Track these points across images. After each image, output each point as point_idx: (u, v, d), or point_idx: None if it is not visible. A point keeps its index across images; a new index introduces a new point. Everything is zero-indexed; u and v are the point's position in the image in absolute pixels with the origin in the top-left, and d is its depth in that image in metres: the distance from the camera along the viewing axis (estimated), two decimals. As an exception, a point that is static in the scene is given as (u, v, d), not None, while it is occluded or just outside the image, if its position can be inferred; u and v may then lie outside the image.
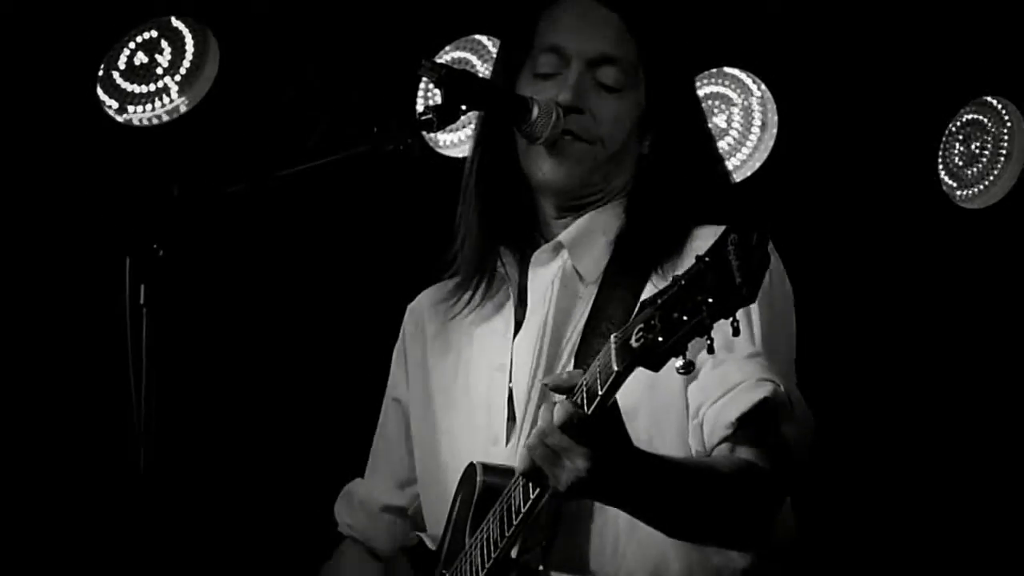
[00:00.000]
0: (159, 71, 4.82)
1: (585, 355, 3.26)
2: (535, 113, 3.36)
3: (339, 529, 3.77)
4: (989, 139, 5.59)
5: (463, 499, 3.33)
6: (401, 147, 3.27)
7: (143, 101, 4.83)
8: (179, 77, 4.84)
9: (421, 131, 3.32)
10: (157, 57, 4.81)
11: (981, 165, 5.60)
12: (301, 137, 4.84)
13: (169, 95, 4.84)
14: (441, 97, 3.34)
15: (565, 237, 3.44)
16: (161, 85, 4.83)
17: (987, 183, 5.61)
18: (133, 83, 4.81)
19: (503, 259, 3.51)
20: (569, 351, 3.36)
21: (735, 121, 5.35)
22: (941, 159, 5.51)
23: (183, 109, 4.84)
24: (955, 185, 5.57)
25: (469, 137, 4.35)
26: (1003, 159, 5.60)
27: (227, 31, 4.79)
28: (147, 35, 4.78)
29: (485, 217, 3.50)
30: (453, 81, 3.33)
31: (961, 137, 5.56)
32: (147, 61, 4.80)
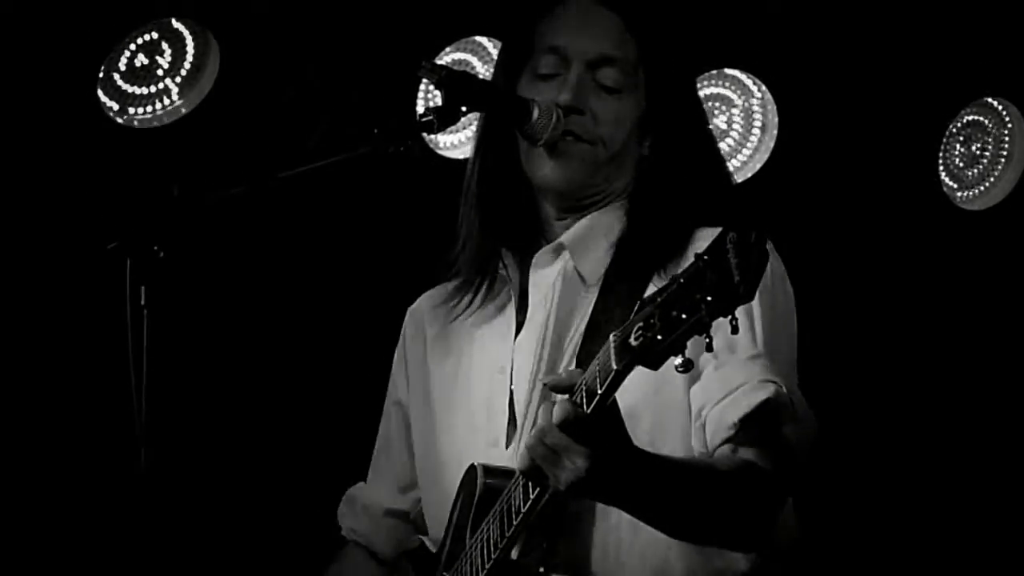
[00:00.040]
0: (160, 73, 4.82)
1: (586, 357, 3.23)
2: (535, 114, 3.36)
3: (342, 533, 3.76)
4: (990, 140, 5.59)
5: (464, 501, 3.33)
6: (401, 148, 3.27)
7: (144, 103, 4.83)
8: (179, 79, 4.84)
9: (421, 132, 3.31)
10: (158, 59, 4.81)
11: (982, 166, 5.60)
12: (301, 139, 4.85)
13: (170, 97, 4.84)
14: (441, 98, 3.33)
15: (566, 239, 3.44)
16: (162, 87, 4.83)
17: (988, 184, 5.61)
18: (134, 85, 4.81)
19: (504, 260, 3.50)
20: (571, 353, 3.36)
21: (736, 123, 5.35)
22: (942, 160, 5.51)
23: (184, 111, 4.84)
24: (956, 186, 5.57)
25: (470, 139, 4.37)
26: (1004, 160, 5.60)
27: (228, 33, 4.79)
28: (148, 37, 4.78)
29: (486, 219, 3.49)
30: (453, 82, 3.32)
31: (962, 138, 5.56)
32: (148, 63, 4.80)
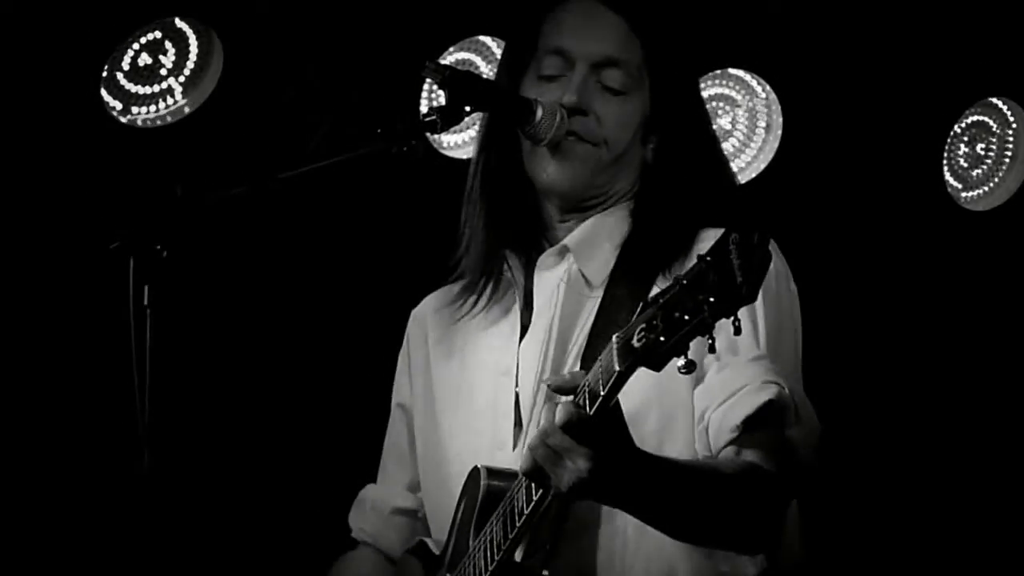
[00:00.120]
0: (163, 72, 4.81)
1: (591, 358, 3.21)
2: (539, 115, 3.35)
3: (352, 535, 3.75)
4: (994, 141, 5.58)
5: (467, 502, 3.32)
6: (405, 148, 3.27)
7: (147, 102, 4.82)
8: (183, 78, 4.83)
9: (425, 132, 3.31)
10: (161, 58, 4.80)
11: (986, 167, 5.59)
12: (305, 138, 4.84)
13: (173, 96, 4.83)
14: (445, 98, 3.33)
15: (571, 241, 3.43)
16: (165, 86, 4.83)
17: (992, 185, 5.60)
18: (137, 84, 4.80)
19: (509, 262, 3.50)
20: (575, 355, 3.35)
21: (740, 123, 5.35)
22: (946, 161, 5.50)
23: (187, 110, 4.83)
24: (960, 187, 5.56)
25: (473, 138, 4.35)
26: (1008, 161, 5.59)
27: (231, 32, 4.78)
28: (151, 36, 4.77)
29: (490, 220, 3.49)
30: (457, 82, 3.32)
31: (966, 139, 5.55)
32: (151, 62, 4.79)
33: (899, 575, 5.68)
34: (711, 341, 2.65)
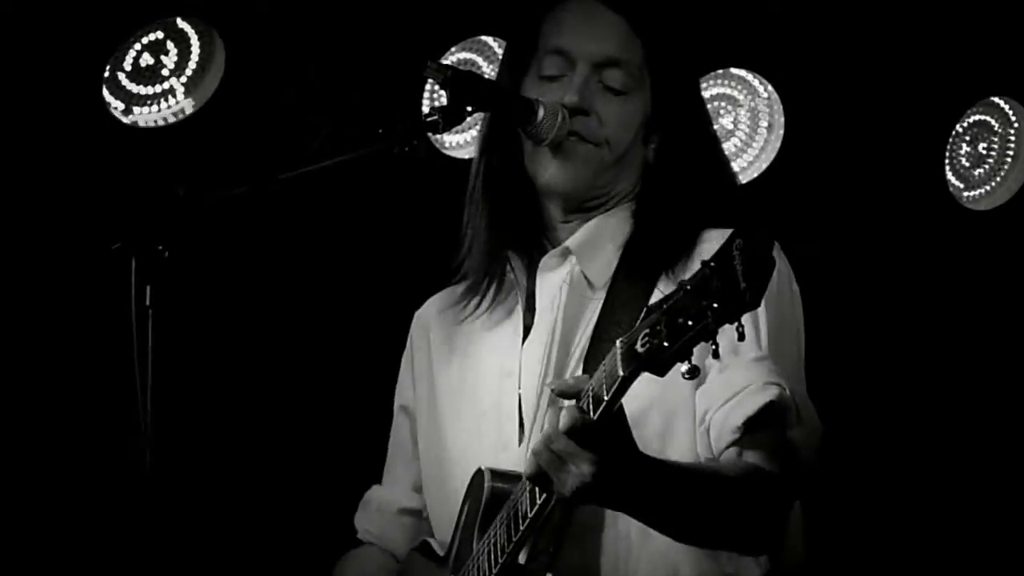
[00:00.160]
0: (165, 72, 4.81)
1: (594, 361, 3.23)
2: (540, 115, 3.35)
3: (358, 536, 3.74)
4: (996, 140, 5.58)
5: (471, 505, 3.32)
6: (407, 148, 3.27)
7: (149, 102, 4.82)
8: (185, 78, 4.83)
9: (427, 132, 3.30)
10: (163, 58, 4.80)
11: (988, 166, 5.59)
12: (307, 139, 4.84)
13: (175, 96, 4.83)
14: (447, 98, 3.33)
15: (573, 243, 3.43)
16: (167, 86, 4.83)
17: (994, 184, 5.60)
18: (139, 84, 4.80)
19: (511, 263, 3.50)
20: (578, 357, 3.35)
21: (742, 122, 5.35)
22: (948, 160, 5.50)
23: (189, 110, 4.83)
24: (962, 186, 5.56)
25: (475, 138, 4.35)
26: (1010, 160, 5.59)
27: (233, 32, 4.79)
28: (153, 36, 4.77)
29: (492, 221, 3.48)
30: (458, 82, 3.32)
31: (968, 138, 5.55)
32: (153, 62, 4.79)
33: (901, 575, 5.68)
34: (715, 347, 2.65)
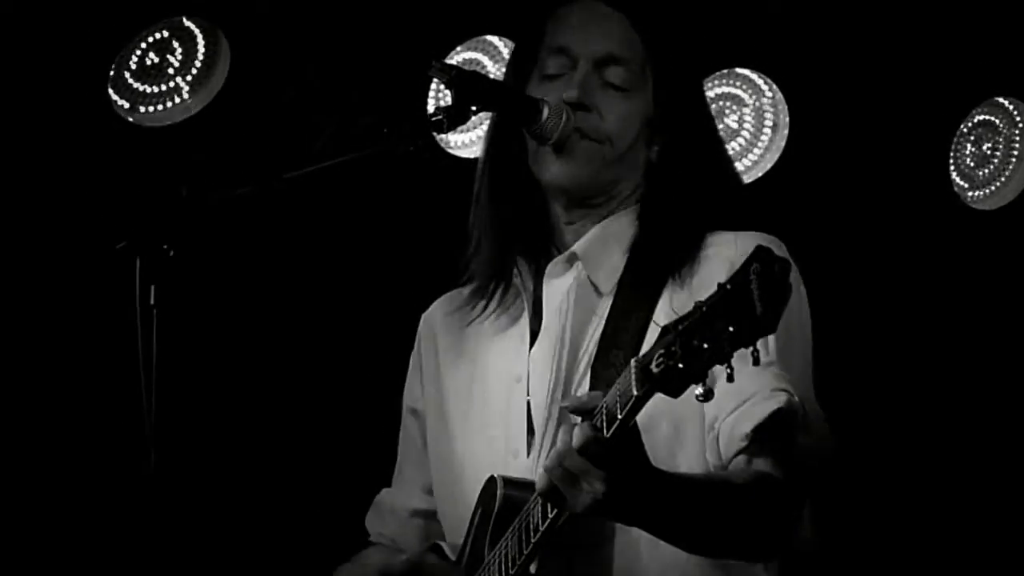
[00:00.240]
0: (170, 71, 4.81)
1: (601, 367, 3.25)
2: (545, 114, 3.35)
3: (370, 539, 3.73)
4: (1000, 140, 5.58)
5: (483, 511, 3.31)
6: (412, 148, 3.27)
7: (154, 101, 4.82)
8: (190, 77, 4.84)
9: (432, 132, 3.31)
10: (168, 57, 4.81)
11: (992, 166, 5.59)
12: (311, 138, 4.84)
13: (180, 95, 4.84)
14: (451, 98, 3.33)
15: (579, 248, 3.42)
16: (172, 85, 4.83)
17: (998, 184, 5.60)
18: (144, 83, 4.81)
19: (518, 267, 3.48)
20: (586, 363, 3.34)
21: (747, 122, 5.35)
22: (952, 160, 5.50)
23: (194, 109, 4.84)
24: (966, 186, 5.56)
25: (481, 137, 4.35)
26: (1014, 160, 5.59)
27: (238, 31, 4.79)
28: (158, 35, 4.78)
29: (497, 222, 3.48)
30: (463, 82, 3.32)
31: (972, 138, 5.55)
32: (158, 61, 4.80)
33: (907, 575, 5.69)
34: (729, 371, 2.65)
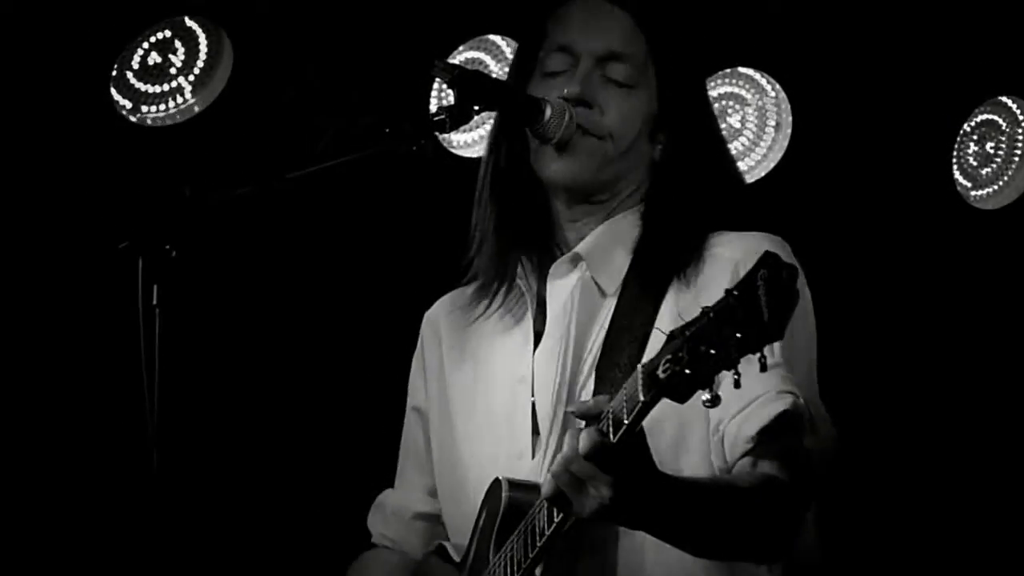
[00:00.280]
0: (173, 71, 4.81)
1: (606, 368, 3.25)
2: (548, 113, 3.34)
3: (373, 540, 3.72)
4: (1003, 139, 5.58)
5: (488, 514, 3.31)
6: (414, 148, 3.26)
7: (157, 101, 4.83)
8: (193, 77, 4.83)
9: (434, 131, 3.30)
10: (171, 57, 4.81)
11: (995, 165, 5.59)
12: (313, 138, 4.84)
13: (183, 95, 4.84)
14: (454, 98, 3.33)
15: (583, 249, 3.41)
16: (175, 85, 4.83)
17: (1001, 183, 5.60)
18: (147, 83, 4.81)
19: (521, 267, 3.48)
20: (590, 364, 3.33)
21: (749, 121, 5.35)
22: (955, 159, 5.50)
23: (196, 109, 4.84)
24: (969, 185, 5.56)
25: (483, 137, 4.35)
26: (1017, 159, 5.59)
27: (241, 31, 4.79)
28: (161, 35, 4.78)
29: (500, 221, 3.47)
30: (465, 81, 3.31)
31: (976, 137, 5.55)
32: (161, 61, 4.80)
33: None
34: (736, 377, 2.65)
